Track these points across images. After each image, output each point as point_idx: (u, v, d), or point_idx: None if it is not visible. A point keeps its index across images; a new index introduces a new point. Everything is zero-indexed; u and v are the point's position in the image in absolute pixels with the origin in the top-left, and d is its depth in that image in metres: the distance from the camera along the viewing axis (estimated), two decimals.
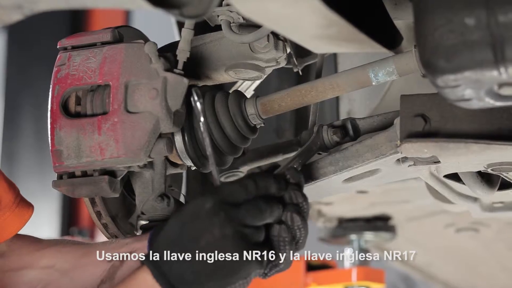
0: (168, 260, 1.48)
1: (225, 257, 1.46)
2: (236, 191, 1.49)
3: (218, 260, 1.46)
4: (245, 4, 1.29)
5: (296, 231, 1.55)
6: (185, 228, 1.48)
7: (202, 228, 1.47)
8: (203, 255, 1.46)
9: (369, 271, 2.89)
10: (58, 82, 1.65)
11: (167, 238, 1.50)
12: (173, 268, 1.47)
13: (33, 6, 1.28)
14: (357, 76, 1.68)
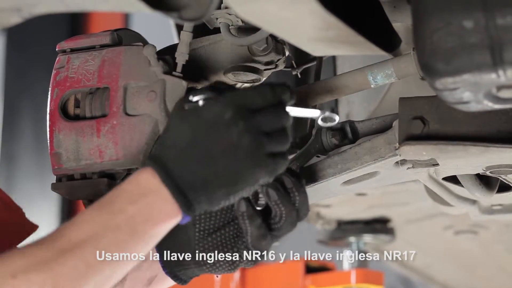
0: (177, 165, 1.41)
1: (239, 166, 1.41)
2: (255, 97, 1.44)
3: (230, 169, 1.41)
4: (243, 6, 1.29)
5: (274, 207, 1.54)
6: (200, 135, 1.42)
7: (218, 137, 1.41)
8: (216, 163, 1.41)
9: (368, 273, 2.89)
10: (57, 84, 1.66)
11: (177, 143, 1.43)
12: (183, 173, 1.41)
13: (32, 9, 1.28)
14: (356, 79, 1.68)
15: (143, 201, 1.40)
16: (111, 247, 1.35)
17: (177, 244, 1.60)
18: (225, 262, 1.59)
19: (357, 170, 1.69)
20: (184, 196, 1.41)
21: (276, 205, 1.54)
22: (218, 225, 1.59)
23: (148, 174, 1.42)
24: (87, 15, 5.53)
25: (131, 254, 1.38)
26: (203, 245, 1.59)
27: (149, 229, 1.39)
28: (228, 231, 1.59)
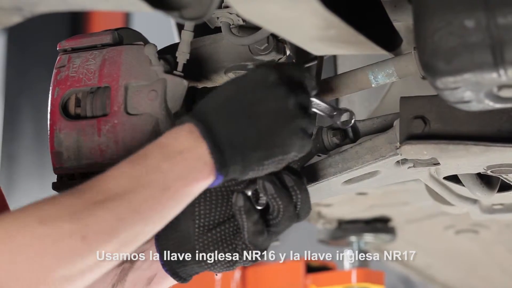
0: (217, 121, 1.39)
1: (278, 129, 1.41)
2: (294, 70, 1.46)
3: (270, 131, 1.41)
4: (244, 6, 1.29)
5: (272, 201, 1.54)
6: (243, 93, 1.42)
7: (263, 96, 1.41)
8: (257, 122, 1.41)
9: (368, 273, 2.90)
10: (58, 84, 1.66)
11: (220, 101, 1.42)
12: (223, 129, 1.39)
13: (33, 8, 1.28)
14: (357, 78, 1.68)
15: (178, 158, 1.36)
16: (142, 203, 1.32)
17: (177, 241, 1.60)
18: (224, 260, 1.59)
19: (358, 170, 1.70)
20: (221, 153, 1.38)
21: (273, 199, 1.53)
22: (218, 221, 1.59)
23: (186, 130, 1.39)
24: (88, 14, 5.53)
25: (162, 211, 1.35)
26: (202, 241, 1.59)
27: (181, 188, 1.36)
28: (227, 227, 1.59)
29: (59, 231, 1.24)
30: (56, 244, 1.23)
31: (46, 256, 1.22)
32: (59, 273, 1.23)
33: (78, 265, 1.25)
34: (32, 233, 1.22)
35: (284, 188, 1.54)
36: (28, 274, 1.21)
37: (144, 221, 1.32)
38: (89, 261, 1.27)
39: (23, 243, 1.21)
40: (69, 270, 1.24)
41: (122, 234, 1.30)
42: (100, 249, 1.27)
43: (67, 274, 1.24)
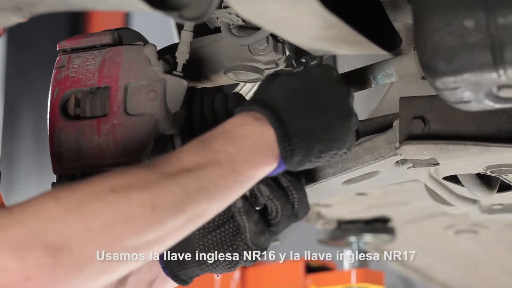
0: (285, 110, 1.43)
1: (340, 123, 1.46)
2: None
3: (333, 124, 1.45)
4: (244, 6, 1.29)
5: (269, 202, 1.54)
6: (310, 86, 1.46)
7: (329, 92, 1.46)
8: (324, 115, 1.45)
9: (368, 273, 2.90)
10: (58, 84, 1.66)
11: (286, 92, 1.45)
12: (291, 119, 1.42)
13: (32, 8, 1.28)
14: (356, 78, 1.68)
15: (246, 142, 1.39)
16: (210, 180, 1.33)
17: (177, 244, 1.61)
18: (225, 261, 1.59)
19: (358, 170, 1.70)
20: (288, 142, 1.41)
21: (270, 200, 1.54)
22: (218, 223, 1.59)
23: (254, 117, 1.42)
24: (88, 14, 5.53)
25: (227, 192, 1.36)
26: (202, 243, 1.59)
27: (247, 171, 1.38)
28: (227, 229, 1.59)
29: (130, 200, 1.25)
30: (127, 212, 1.24)
31: (117, 224, 1.23)
32: (129, 242, 1.24)
33: (147, 235, 1.26)
34: (105, 201, 1.24)
35: (280, 188, 1.54)
36: (99, 241, 1.22)
37: (209, 199, 1.33)
38: (157, 232, 1.27)
39: (95, 210, 1.23)
40: (138, 239, 1.25)
41: (189, 209, 1.31)
42: (169, 221, 1.28)
43: (136, 244, 1.25)
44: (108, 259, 1.23)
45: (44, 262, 1.18)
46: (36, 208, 1.22)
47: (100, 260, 1.22)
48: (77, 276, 1.21)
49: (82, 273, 1.21)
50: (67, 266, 1.19)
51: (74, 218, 1.21)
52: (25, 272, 1.17)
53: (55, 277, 1.19)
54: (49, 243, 1.19)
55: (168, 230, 1.29)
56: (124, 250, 1.24)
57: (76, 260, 1.20)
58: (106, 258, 1.23)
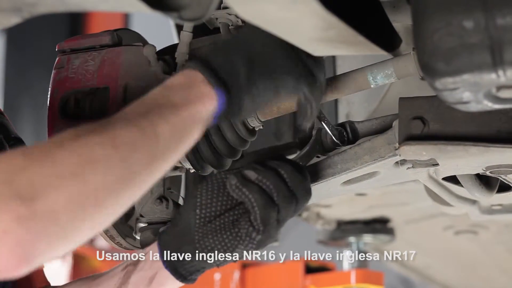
0: (208, 55, 1.47)
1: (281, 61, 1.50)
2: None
3: (273, 60, 1.49)
4: (243, 7, 1.29)
5: (260, 184, 1.57)
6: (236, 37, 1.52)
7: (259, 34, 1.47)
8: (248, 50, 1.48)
9: (368, 274, 2.89)
10: (57, 84, 1.66)
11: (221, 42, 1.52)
12: (214, 58, 1.46)
13: (32, 9, 1.28)
14: (356, 79, 1.68)
15: (178, 86, 1.42)
16: (158, 118, 1.36)
17: (177, 234, 1.61)
18: (222, 246, 1.58)
19: (357, 170, 1.70)
20: (214, 72, 1.44)
21: (260, 182, 1.55)
22: (219, 212, 1.60)
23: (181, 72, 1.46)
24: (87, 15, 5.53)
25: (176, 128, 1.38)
26: (202, 231, 1.59)
27: (188, 107, 1.40)
28: (227, 216, 1.59)
29: (92, 143, 1.27)
30: (91, 154, 1.26)
31: (85, 166, 1.25)
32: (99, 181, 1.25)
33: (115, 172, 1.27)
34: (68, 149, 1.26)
35: (270, 169, 1.57)
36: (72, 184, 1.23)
37: (165, 135, 1.35)
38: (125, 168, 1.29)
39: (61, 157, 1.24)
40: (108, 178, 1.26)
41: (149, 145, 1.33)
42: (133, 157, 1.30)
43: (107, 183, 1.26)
44: (83, 202, 1.23)
45: (20, 214, 1.18)
46: (5, 162, 1.22)
47: (75, 204, 1.22)
48: (55, 224, 1.20)
49: (59, 220, 1.20)
50: (44, 215, 1.19)
51: (42, 166, 1.22)
52: (2, 225, 1.17)
53: (32, 228, 1.18)
54: (22, 193, 1.19)
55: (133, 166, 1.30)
56: (97, 191, 1.25)
57: (51, 207, 1.20)
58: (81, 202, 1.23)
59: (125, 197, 1.30)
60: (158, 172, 1.36)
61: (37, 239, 1.19)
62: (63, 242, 1.23)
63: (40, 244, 1.19)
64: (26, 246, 1.18)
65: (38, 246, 1.19)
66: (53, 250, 1.22)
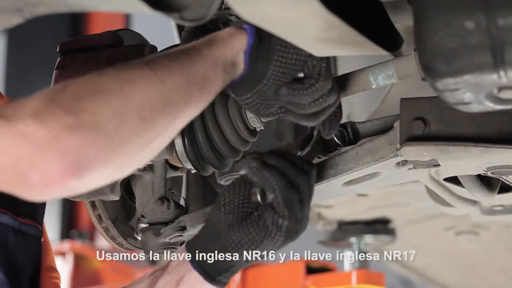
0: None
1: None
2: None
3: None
4: (244, 7, 1.29)
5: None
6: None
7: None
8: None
9: (369, 274, 2.89)
10: None
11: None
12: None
13: (33, 9, 1.28)
14: (357, 80, 1.68)
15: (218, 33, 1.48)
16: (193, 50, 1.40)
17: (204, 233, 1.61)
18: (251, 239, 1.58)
19: (358, 171, 1.69)
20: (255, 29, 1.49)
21: (279, 164, 1.57)
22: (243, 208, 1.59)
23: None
24: (88, 15, 5.53)
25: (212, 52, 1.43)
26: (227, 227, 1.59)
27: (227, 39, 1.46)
28: (251, 212, 1.59)
29: (130, 67, 1.32)
30: (130, 75, 1.30)
31: (125, 86, 1.27)
32: (141, 100, 1.28)
33: (154, 93, 1.30)
34: (108, 73, 1.28)
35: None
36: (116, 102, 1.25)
37: (200, 64, 1.39)
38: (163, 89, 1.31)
39: (102, 79, 1.27)
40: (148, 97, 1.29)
41: (186, 70, 1.36)
42: (170, 79, 1.33)
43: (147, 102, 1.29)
44: (127, 117, 1.25)
45: (68, 122, 1.18)
46: (47, 89, 1.25)
47: (119, 118, 1.24)
48: (102, 133, 1.21)
49: (107, 130, 1.22)
50: (91, 125, 1.20)
51: (84, 86, 1.25)
52: (51, 133, 1.17)
53: (81, 135, 1.19)
54: (67, 106, 1.20)
55: (171, 88, 1.33)
56: (140, 108, 1.27)
57: (98, 119, 1.21)
58: (125, 117, 1.25)
59: (167, 117, 1.32)
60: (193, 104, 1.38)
61: (87, 146, 1.19)
62: (112, 155, 1.24)
63: (89, 153, 1.20)
64: (76, 153, 1.19)
65: (88, 154, 1.20)
66: (102, 162, 1.22)
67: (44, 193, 1.20)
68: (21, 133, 1.18)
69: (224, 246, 1.58)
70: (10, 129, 1.18)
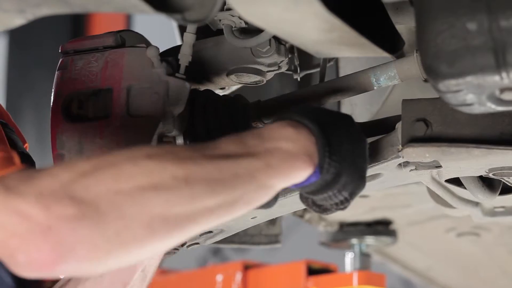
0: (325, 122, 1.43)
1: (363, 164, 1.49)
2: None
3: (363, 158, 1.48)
4: (246, 8, 1.29)
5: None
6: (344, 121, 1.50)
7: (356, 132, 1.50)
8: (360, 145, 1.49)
9: (370, 275, 2.89)
10: (60, 86, 1.66)
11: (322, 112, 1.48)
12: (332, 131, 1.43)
13: (35, 10, 1.28)
14: (359, 81, 1.68)
15: (283, 142, 1.37)
16: (245, 169, 1.30)
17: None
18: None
19: None
20: (329, 151, 1.41)
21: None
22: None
23: (291, 124, 1.41)
24: (89, 16, 5.53)
25: (261, 185, 1.32)
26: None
27: (283, 168, 1.35)
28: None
29: (165, 169, 1.23)
30: (159, 180, 1.22)
31: (148, 190, 1.21)
32: (157, 211, 1.21)
33: (176, 207, 1.23)
34: (139, 165, 1.22)
35: None
36: (127, 203, 1.19)
37: (244, 188, 1.30)
38: (187, 207, 1.24)
39: (128, 172, 1.21)
40: (167, 210, 1.22)
41: (222, 192, 1.28)
42: (200, 199, 1.25)
43: (164, 215, 1.21)
44: (134, 225, 1.19)
45: (69, 213, 1.16)
46: (69, 164, 1.21)
47: (125, 224, 1.18)
48: (101, 234, 1.17)
49: (106, 233, 1.17)
50: (92, 222, 1.16)
51: (104, 176, 1.19)
52: (49, 220, 1.15)
53: (77, 230, 1.16)
54: (77, 196, 1.17)
55: (198, 208, 1.24)
56: (152, 219, 1.20)
57: (101, 218, 1.17)
58: (132, 224, 1.19)
59: (181, 235, 1.25)
60: (221, 219, 1.29)
61: (81, 243, 1.17)
62: (104, 256, 1.19)
63: (81, 249, 1.17)
64: (69, 247, 1.16)
65: (79, 250, 1.17)
66: (92, 259, 1.19)
67: (29, 273, 1.18)
68: (20, 211, 1.16)
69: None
70: (11, 203, 1.16)
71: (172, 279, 3.30)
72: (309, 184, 1.42)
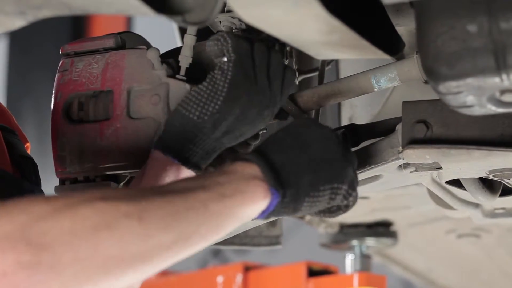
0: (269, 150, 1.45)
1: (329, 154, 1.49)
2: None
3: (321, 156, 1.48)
4: (247, 10, 1.29)
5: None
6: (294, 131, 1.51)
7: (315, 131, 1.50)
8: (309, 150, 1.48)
9: (370, 277, 2.89)
10: (61, 88, 1.66)
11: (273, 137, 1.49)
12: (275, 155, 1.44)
13: (36, 12, 1.28)
14: (359, 82, 1.69)
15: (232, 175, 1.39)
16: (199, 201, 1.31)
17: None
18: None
19: (360, 174, 1.69)
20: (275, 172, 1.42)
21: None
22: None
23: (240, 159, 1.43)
24: (90, 18, 5.54)
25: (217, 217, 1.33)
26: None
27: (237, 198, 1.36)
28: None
29: (117, 209, 1.23)
30: (113, 220, 1.22)
31: (102, 231, 1.20)
32: (112, 251, 1.21)
33: (131, 246, 1.23)
34: (92, 207, 1.22)
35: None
36: (83, 245, 1.19)
37: (199, 221, 1.30)
38: (142, 245, 1.24)
39: (82, 213, 1.21)
40: (122, 249, 1.22)
41: (178, 227, 1.28)
42: (155, 236, 1.25)
43: (119, 255, 1.22)
44: (90, 266, 1.19)
45: (24, 259, 1.15)
46: (27, 205, 1.20)
47: (81, 265, 1.18)
48: (56, 279, 1.16)
49: (62, 276, 1.17)
50: (47, 267, 1.16)
51: (61, 218, 1.19)
52: (4, 266, 1.14)
53: (32, 276, 1.15)
54: (33, 240, 1.16)
55: (154, 245, 1.25)
56: (107, 260, 1.21)
57: (57, 261, 1.16)
58: (88, 265, 1.19)
59: (136, 274, 1.25)
60: (178, 257, 1.29)
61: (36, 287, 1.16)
62: None
63: None
64: None
65: None
66: None
67: None
68: None
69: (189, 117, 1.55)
70: None
71: (172, 281, 3.30)
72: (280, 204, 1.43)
